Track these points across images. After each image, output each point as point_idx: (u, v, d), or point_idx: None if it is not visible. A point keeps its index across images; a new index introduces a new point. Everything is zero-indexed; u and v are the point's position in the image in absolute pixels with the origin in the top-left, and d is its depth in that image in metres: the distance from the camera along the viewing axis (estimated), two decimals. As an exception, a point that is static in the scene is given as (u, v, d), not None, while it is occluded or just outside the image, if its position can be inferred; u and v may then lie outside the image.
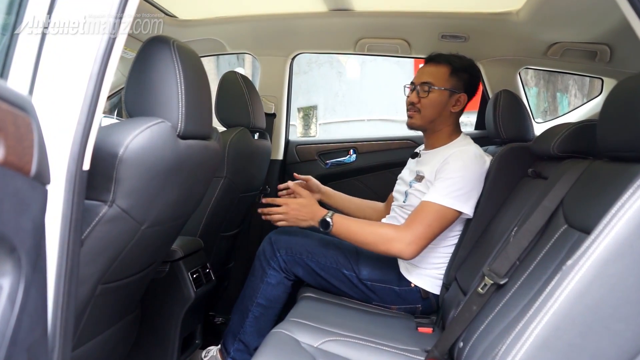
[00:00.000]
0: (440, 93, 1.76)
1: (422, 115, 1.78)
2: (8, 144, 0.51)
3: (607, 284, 0.79)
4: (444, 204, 1.59)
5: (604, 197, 1.00)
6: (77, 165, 0.77)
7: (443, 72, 1.77)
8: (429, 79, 1.78)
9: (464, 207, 1.62)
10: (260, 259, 1.72)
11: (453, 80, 1.76)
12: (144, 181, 1.03)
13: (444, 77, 1.76)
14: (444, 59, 1.80)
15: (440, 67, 1.78)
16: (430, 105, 1.77)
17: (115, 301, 1.23)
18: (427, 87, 1.76)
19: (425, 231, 1.58)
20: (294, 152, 2.58)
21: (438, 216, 1.59)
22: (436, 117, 1.78)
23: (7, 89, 0.54)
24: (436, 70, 1.79)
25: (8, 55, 0.70)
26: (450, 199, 1.60)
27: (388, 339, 1.42)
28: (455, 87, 1.77)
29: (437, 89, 1.76)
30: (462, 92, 1.78)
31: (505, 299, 1.17)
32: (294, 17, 2.21)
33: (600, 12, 1.71)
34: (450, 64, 1.77)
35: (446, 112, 1.78)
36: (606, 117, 1.10)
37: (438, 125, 1.80)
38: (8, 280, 0.52)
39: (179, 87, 1.09)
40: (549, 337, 0.81)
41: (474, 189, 1.64)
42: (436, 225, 1.59)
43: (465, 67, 1.79)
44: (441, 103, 1.76)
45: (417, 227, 1.58)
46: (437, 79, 1.77)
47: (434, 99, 1.76)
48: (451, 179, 1.62)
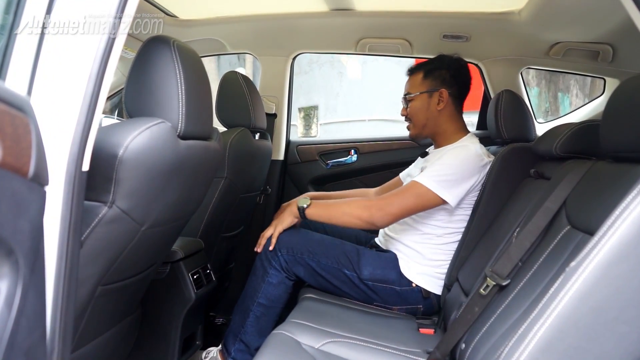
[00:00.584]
0: (418, 98, 1.85)
1: (414, 123, 1.89)
2: (5, 144, 0.50)
3: (611, 286, 0.78)
4: (426, 185, 1.64)
5: (608, 198, 1.00)
6: (76, 166, 0.77)
7: (417, 79, 1.87)
8: (407, 90, 1.90)
9: (444, 193, 1.64)
10: (262, 259, 1.72)
11: (427, 82, 1.84)
12: (144, 182, 1.02)
13: (417, 83, 1.87)
14: (418, 67, 1.90)
15: (415, 75, 1.89)
16: (415, 112, 1.87)
17: (115, 302, 1.23)
18: (407, 97, 1.88)
19: (399, 202, 1.64)
20: (294, 152, 2.57)
21: (416, 194, 1.64)
22: (426, 121, 1.86)
23: (5, 90, 0.53)
24: (412, 79, 1.90)
25: (6, 55, 0.70)
26: (433, 182, 1.64)
27: (389, 340, 1.42)
28: (430, 86, 1.83)
29: (414, 94, 1.85)
30: (440, 88, 1.81)
31: (508, 301, 1.16)
32: (294, 17, 2.20)
33: (602, 12, 1.70)
34: (422, 68, 1.87)
35: (432, 112, 1.84)
36: (609, 117, 1.09)
37: (433, 127, 1.86)
38: (5, 283, 0.51)
39: (179, 87, 1.08)
40: (553, 340, 0.80)
41: (461, 180, 1.66)
42: (412, 201, 1.64)
43: (441, 65, 1.85)
44: (423, 107, 1.85)
45: (392, 197, 1.67)
46: (413, 87, 1.88)
47: (415, 106, 1.86)
48: (440, 165, 1.67)
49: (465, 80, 1.86)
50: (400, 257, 1.77)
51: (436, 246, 1.75)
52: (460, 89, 1.84)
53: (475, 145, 1.76)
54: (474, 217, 1.69)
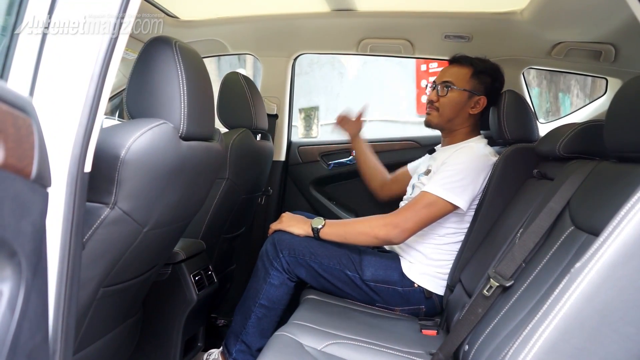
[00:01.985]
0: (460, 93, 1.79)
1: (440, 113, 1.82)
2: (8, 146, 0.49)
3: (616, 287, 0.78)
4: (437, 194, 1.62)
5: (612, 199, 0.99)
6: (78, 167, 0.76)
7: (464, 73, 1.81)
8: (449, 79, 1.81)
9: (457, 199, 1.63)
10: (263, 260, 1.71)
11: (474, 82, 1.80)
12: (146, 183, 1.02)
13: (464, 78, 1.80)
14: (467, 60, 1.83)
15: (463, 68, 1.82)
16: (449, 104, 1.80)
17: (117, 304, 1.22)
18: (447, 86, 1.80)
19: (413, 216, 1.62)
20: (296, 153, 2.57)
21: (428, 204, 1.63)
22: (454, 117, 1.81)
23: (7, 90, 0.53)
24: (458, 71, 1.82)
25: (8, 56, 0.69)
26: (444, 190, 1.62)
27: (392, 341, 1.41)
28: (475, 89, 1.79)
29: (457, 89, 1.79)
30: (482, 95, 1.80)
31: (512, 302, 1.15)
32: (296, 17, 2.19)
33: (604, 12, 1.69)
34: (472, 65, 1.81)
35: (464, 112, 1.81)
36: (613, 117, 1.09)
37: (455, 125, 1.84)
38: (8, 286, 0.51)
39: (181, 88, 1.08)
40: (558, 341, 0.80)
41: (470, 183, 1.65)
42: (425, 213, 1.63)
43: (487, 70, 1.82)
44: (459, 103, 1.80)
45: (405, 212, 1.65)
46: (457, 80, 1.80)
47: (452, 99, 1.80)
48: (449, 171, 1.66)
49: (498, 95, 1.85)
50: (402, 258, 1.76)
51: (438, 246, 1.74)
52: (493, 102, 1.84)
53: (481, 145, 1.76)
54: (476, 218, 1.68)
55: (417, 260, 1.74)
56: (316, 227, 1.70)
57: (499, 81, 1.85)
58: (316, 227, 1.70)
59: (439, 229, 1.74)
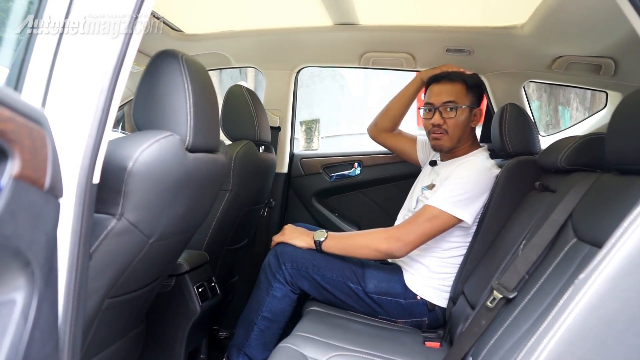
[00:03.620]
0: (464, 111, 1.77)
1: (451, 136, 1.78)
2: (24, 157, 0.51)
3: (620, 298, 0.78)
4: (441, 208, 1.62)
5: (615, 211, 1.00)
6: (87, 178, 0.77)
7: (461, 89, 1.78)
8: (451, 98, 1.76)
9: (461, 213, 1.63)
10: (266, 272, 1.71)
11: (470, 96, 1.79)
12: (153, 194, 1.03)
13: (463, 95, 1.78)
14: (456, 76, 1.81)
15: (457, 84, 1.79)
16: (457, 125, 1.77)
17: (121, 315, 1.22)
18: (452, 107, 1.76)
19: (415, 230, 1.62)
20: (298, 165, 2.58)
21: (432, 218, 1.62)
22: (462, 136, 1.80)
23: (23, 103, 0.54)
24: (454, 88, 1.78)
25: (22, 68, 0.71)
26: (448, 204, 1.62)
27: (396, 353, 1.41)
28: (472, 102, 1.80)
29: (462, 107, 1.76)
30: (478, 107, 1.82)
31: (515, 314, 1.16)
32: (299, 31, 2.22)
33: (604, 26, 1.71)
34: (464, 80, 1.80)
35: (468, 128, 1.81)
36: (615, 130, 1.10)
37: (462, 141, 1.83)
38: (22, 295, 0.51)
39: (187, 101, 1.09)
40: (563, 352, 0.80)
41: (475, 197, 1.65)
42: (428, 227, 1.62)
43: (475, 83, 1.83)
44: (465, 121, 1.78)
45: (408, 225, 1.65)
46: (458, 97, 1.77)
47: (460, 119, 1.77)
48: (453, 185, 1.65)
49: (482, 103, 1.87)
50: (404, 270, 1.76)
51: (442, 259, 1.74)
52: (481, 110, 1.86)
53: (483, 157, 1.77)
54: (479, 230, 1.69)
55: (420, 273, 1.74)
56: (318, 240, 1.70)
57: (483, 90, 1.88)
58: (318, 240, 1.70)
59: (444, 242, 1.74)
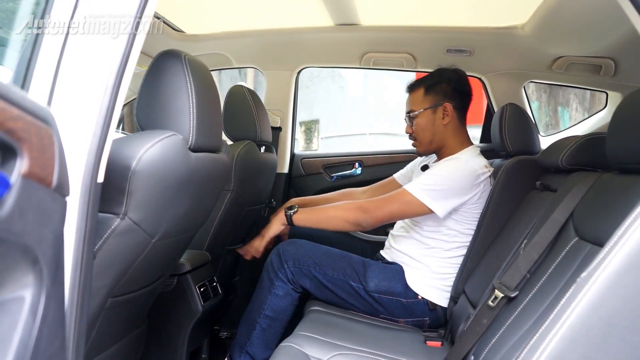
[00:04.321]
0: (423, 115, 1.84)
1: (420, 141, 1.87)
2: (32, 155, 0.51)
3: (622, 296, 0.79)
4: (415, 194, 1.66)
5: (616, 209, 1.00)
6: (92, 177, 0.78)
7: (418, 95, 1.86)
8: (409, 107, 1.88)
9: (432, 203, 1.65)
10: (268, 270, 1.72)
11: (429, 97, 1.83)
12: (156, 193, 1.03)
13: (419, 99, 1.85)
14: (418, 83, 1.88)
15: (416, 91, 1.87)
16: (420, 129, 1.85)
17: (124, 315, 1.23)
18: (410, 116, 1.86)
19: (385, 206, 1.69)
20: (299, 165, 2.58)
21: (403, 201, 1.67)
22: (432, 137, 1.85)
23: (31, 101, 0.54)
24: (413, 96, 1.88)
25: (29, 67, 0.71)
26: (421, 191, 1.66)
27: (397, 352, 1.41)
28: (433, 102, 1.82)
29: (418, 111, 1.84)
30: (444, 102, 1.81)
31: (517, 312, 1.16)
32: (300, 31, 2.23)
33: (604, 27, 1.72)
34: (423, 83, 1.85)
35: (438, 127, 1.83)
36: (615, 130, 1.11)
37: (439, 141, 1.85)
38: (30, 292, 0.52)
39: (190, 100, 1.09)
40: (565, 350, 0.80)
41: (451, 193, 1.67)
42: (397, 207, 1.68)
43: (440, 79, 1.84)
44: (428, 123, 1.84)
45: (380, 202, 1.71)
46: (415, 104, 1.86)
47: (420, 123, 1.85)
48: (430, 175, 1.70)
49: (466, 91, 1.87)
50: (406, 270, 1.77)
51: (443, 259, 1.75)
52: (462, 100, 1.85)
53: (470, 158, 1.75)
54: (479, 230, 1.69)
55: (421, 273, 1.74)
56: (289, 213, 1.74)
57: (455, 81, 1.83)
58: (289, 213, 1.74)
59: (445, 243, 1.74)
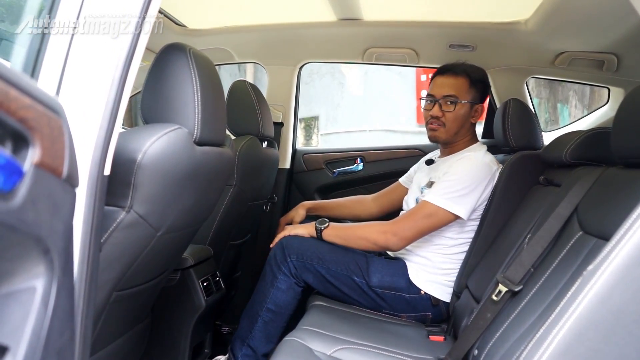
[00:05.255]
0: (464, 106, 1.77)
1: (447, 129, 1.78)
2: (44, 145, 0.51)
3: (629, 289, 0.79)
4: (437, 204, 1.64)
5: (621, 204, 1.00)
6: (98, 170, 0.77)
7: (463, 84, 1.77)
8: (452, 92, 1.76)
9: (457, 208, 1.64)
10: (271, 264, 1.72)
11: (472, 92, 1.78)
12: (161, 187, 1.03)
13: (465, 90, 1.77)
14: (461, 70, 1.79)
15: (460, 78, 1.78)
16: (456, 119, 1.77)
17: (128, 309, 1.23)
18: (452, 101, 1.76)
19: (412, 226, 1.65)
20: (301, 160, 2.58)
21: (428, 214, 1.64)
22: (460, 130, 1.80)
23: (42, 92, 0.54)
24: (457, 82, 1.77)
25: (38, 59, 0.71)
26: (444, 199, 1.63)
27: (401, 347, 1.42)
28: (474, 98, 1.79)
29: (462, 102, 1.76)
30: (480, 103, 1.81)
31: (521, 306, 1.16)
32: (302, 26, 2.22)
33: (607, 22, 1.72)
34: (468, 75, 1.78)
35: (467, 123, 1.81)
36: (620, 124, 1.11)
37: (461, 136, 1.83)
38: (41, 282, 0.52)
39: (195, 94, 1.09)
40: (572, 343, 0.80)
41: (471, 192, 1.66)
42: (425, 223, 1.65)
43: (480, 78, 1.82)
44: (465, 116, 1.78)
45: (405, 221, 1.68)
46: (460, 92, 1.77)
47: (459, 113, 1.77)
48: (449, 181, 1.66)
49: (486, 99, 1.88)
50: (409, 265, 1.76)
51: (447, 256, 1.75)
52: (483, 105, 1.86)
53: (481, 153, 1.76)
54: (482, 225, 1.69)
55: (424, 269, 1.74)
56: (320, 228, 1.74)
57: (488, 86, 1.87)
58: (320, 228, 1.74)
59: (449, 240, 1.74)
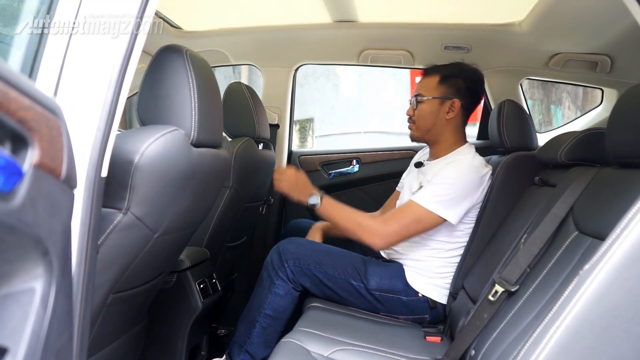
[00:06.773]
0: (430, 102, 1.80)
1: (417, 126, 1.84)
2: (42, 146, 0.51)
3: (625, 288, 0.79)
4: (426, 206, 1.63)
5: (616, 203, 1.01)
6: (96, 171, 0.77)
7: (432, 82, 1.81)
8: (419, 91, 1.84)
9: (446, 213, 1.63)
10: (268, 269, 1.71)
11: (442, 88, 1.79)
12: (158, 189, 1.03)
13: (432, 87, 1.81)
14: (435, 69, 1.84)
15: (430, 77, 1.83)
16: (422, 115, 1.81)
17: (125, 311, 1.22)
18: (418, 99, 1.82)
19: (401, 229, 1.64)
20: (296, 162, 2.58)
21: (417, 217, 1.64)
22: (431, 127, 1.81)
23: (40, 93, 0.54)
24: (427, 81, 1.84)
25: (36, 59, 0.71)
26: (433, 203, 1.62)
27: (398, 347, 1.42)
28: (445, 93, 1.79)
29: (426, 98, 1.80)
30: (454, 98, 1.79)
31: (518, 306, 1.17)
32: (298, 28, 2.22)
33: (601, 24, 1.73)
34: (439, 72, 1.81)
35: (441, 120, 1.80)
36: (615, 125, 1.11)
37: (436, 134, 1.82)
38: (40, 283, 0.52)
39: (192, 96, 1.09)
40: (569, 341, 0.81)
41: (462, 197, 1.65)
42: (413, 226, 1.64)
43: (456, 73, 1.80)
44: (432, 112, 1.80)
45: (394, 224, 1.65)
46: (426, 89, 1.82)
47: (424, 109, 1.81)
48: (440, 185, 1.65)
49: (479, 93, 1.86)
50: (406, 268, 1.76)
51: (443, 259, 1.75)
52: (472, 101, 1.83)
53: (470, 156, 1.74)
54: (478, 225, 1.70)
55: (421, 273, 1.74)
56: (312, 204, 1.70)
57: (472, 80, 1.82)
58: (312, 204, 1.70)
59: (445, 244, 1.74)
